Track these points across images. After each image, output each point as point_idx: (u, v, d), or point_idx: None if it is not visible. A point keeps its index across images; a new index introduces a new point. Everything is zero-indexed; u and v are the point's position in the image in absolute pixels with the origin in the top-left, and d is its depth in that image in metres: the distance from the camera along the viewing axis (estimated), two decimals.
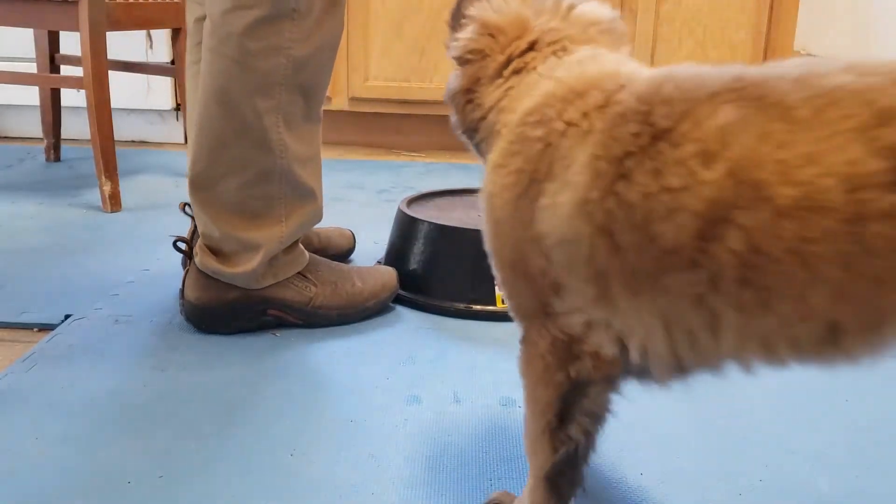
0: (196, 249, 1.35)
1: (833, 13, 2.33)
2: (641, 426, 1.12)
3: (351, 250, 1.74)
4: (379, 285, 1.45)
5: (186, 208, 1.41)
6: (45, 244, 1.80)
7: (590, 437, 0.83)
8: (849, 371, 1.33)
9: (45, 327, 1.38)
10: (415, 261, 1.54)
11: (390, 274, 1.48)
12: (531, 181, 0.76)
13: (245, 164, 1.29)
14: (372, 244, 1.83)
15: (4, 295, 1.51)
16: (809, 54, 2.53)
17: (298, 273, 1.39)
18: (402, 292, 1.54)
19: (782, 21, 2.74)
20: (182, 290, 1.36)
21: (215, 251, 1.33)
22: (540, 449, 0.82)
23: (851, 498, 0.98)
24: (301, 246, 1.42)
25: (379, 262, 1.68)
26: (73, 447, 1.02)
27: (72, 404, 1.13)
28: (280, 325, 1.38)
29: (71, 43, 2.43)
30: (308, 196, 1.36)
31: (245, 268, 1.32)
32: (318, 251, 1.56)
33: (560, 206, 0.72)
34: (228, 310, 1.34)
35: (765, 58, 2.77)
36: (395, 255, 1.59)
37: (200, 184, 1.31)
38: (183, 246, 1.38)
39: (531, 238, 0.76)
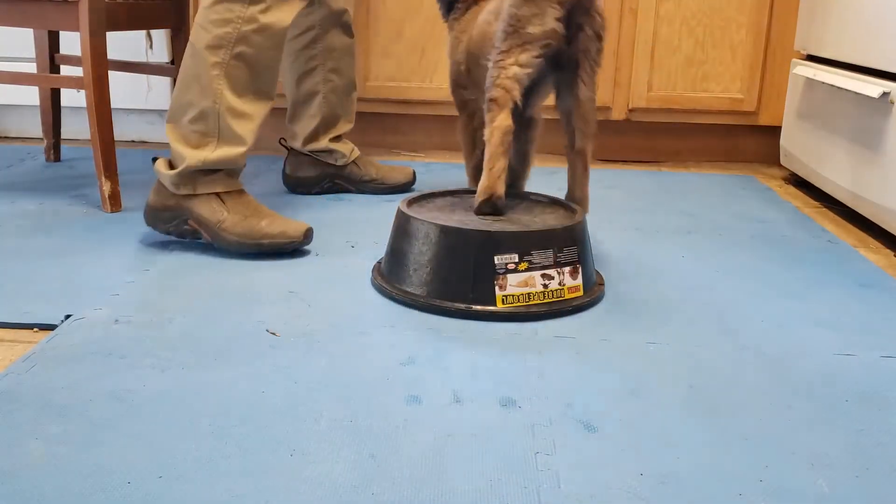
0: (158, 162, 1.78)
1: (832, 13, 2.33)
2: (641, 426, 1.12)
3: (408, 184, 2.32)
4: (279, 231, 1.71)
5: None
6: (45, 244, 1.80)
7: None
8: (849, 371, 1.35)
9: (45, 327, 1.38)
10: (414, 261, 1.54)
11: (297, 228, 1.72)
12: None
13: (192, 104, 1.72)
14: (372, 244, 1.83)
15: (4, 295, 1.51)
16: (810, 55, 2.53)
17: (218, 196, 1.73)
18: (402, 292, 1.54)
19: (782, 21, 2.73)
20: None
21: (170, 165, 1.77)
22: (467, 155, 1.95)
23: (851, 498, 0.98)
24: (230, 177, 1.76)
25: (379, 262, 1.68)
26: (73, 447, 1.02)
27: (72, 404, 1.13)
28: (196, 238, 1.75)
29: (71, 43, 2.43)
30: (235, 140, 1.74)
31: (170, 172, 1.72)
32: (374, 181, 2.30)
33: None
34: (164, 210, 1.76)
35: (764, 57, 2.76)
36: (395, 255, 1.59)
37: (170, 116, 1.76)
38: None
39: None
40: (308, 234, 1.73)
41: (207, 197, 1.72)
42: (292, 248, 1.72)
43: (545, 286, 1.46)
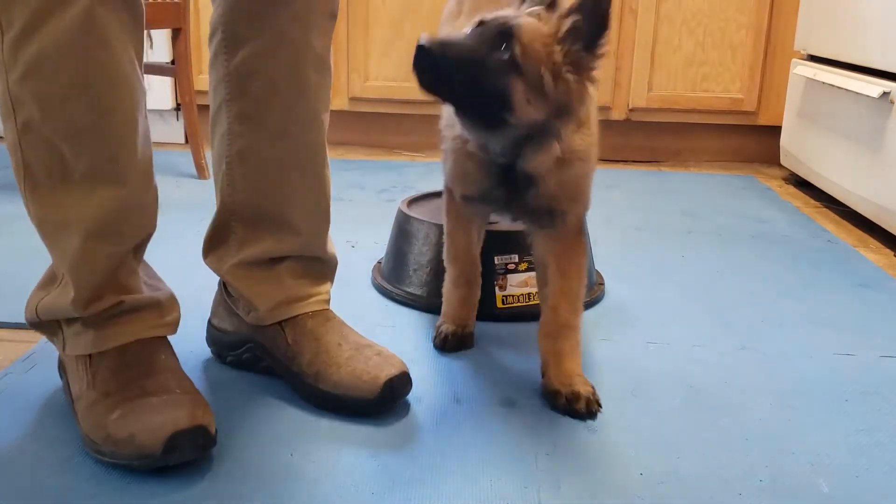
0: None
1: (833, 13, 2.33)
2: (641, 426, 1.12)
3: (373, 403, 1.12)
4: (126, 434, 0.97)
5: None
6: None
7: None
8: (849, 371, 1.35)
9: None
10: (414, 261, 1.54)
11: (162, 428, 0.95)
12: None
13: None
14: (372, 244, 1.83)
15: (4, 295, 1.51)
16: (810, 55, 2.53)
17: (88, 358, 1.06)
18: (402, 292, 1.54)
19: (782, 21, 2.73)
20: None
21: None
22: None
23: (851, 498, 0.98)
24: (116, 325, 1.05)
25: (379, 262, 1.68)
26: (73, 447, 1.02)
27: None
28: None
29: None
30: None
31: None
32: (309, 376, 1.15)
33: None
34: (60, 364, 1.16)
35: (765, 57, 2.76)
36: (395, 255, 1.59)
37: None
38: None
39: None
40: (177, 443, 0.95)
41: (77, 357, 1.07)
42: (146, 468, 0.96)
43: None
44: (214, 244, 1.22)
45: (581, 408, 1.13)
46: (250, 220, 1.19)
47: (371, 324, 1.43)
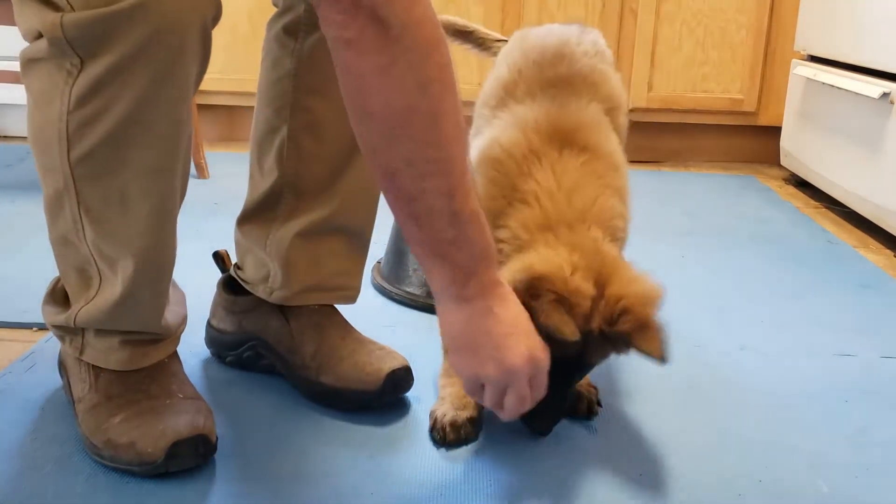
0: None
1: (833, 13, 2.33)
2: (641, 426, 1.12)
3: (375, 394, 1.14)
4: (127, 441, 0.97)
5: None
6: (45, 244, 1.79)
7: None
8: (849, 371, 1.35)
9: (45, 327, 1.38)
10: (414, 261, 1.54)
11: (165, 436, 0.96)
12: None
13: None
14: (371, 244, 1.83)
15: (4, 295, 1.51)
16: (810, 55, 2.53)
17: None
18: (402, 292, 1.54)
19: (782, 21, 2.73)
20: None
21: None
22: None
23: (851, 498, 0.98)
24: (138, 346, 1.04)
25: (378, 262, 1.68)
26: (72, 447, 1.02)
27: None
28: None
29: None
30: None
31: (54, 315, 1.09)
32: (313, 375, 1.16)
33: None
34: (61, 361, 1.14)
35: (765, 58, 2.76)
36: (395, 255, 1.59)
37: None
38: None
39: None
40: (177, 452, 0.95)
41: (79, 361, 1.06)
42: (145, 473, 0.96)
43: None
44: (258, 213, 1.21)
45: (582, 408, 1.13)
46: (305, 191, 1.18)
47: (370, 324, 1.42)
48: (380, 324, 1.43)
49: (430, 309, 1.48)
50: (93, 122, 0.90)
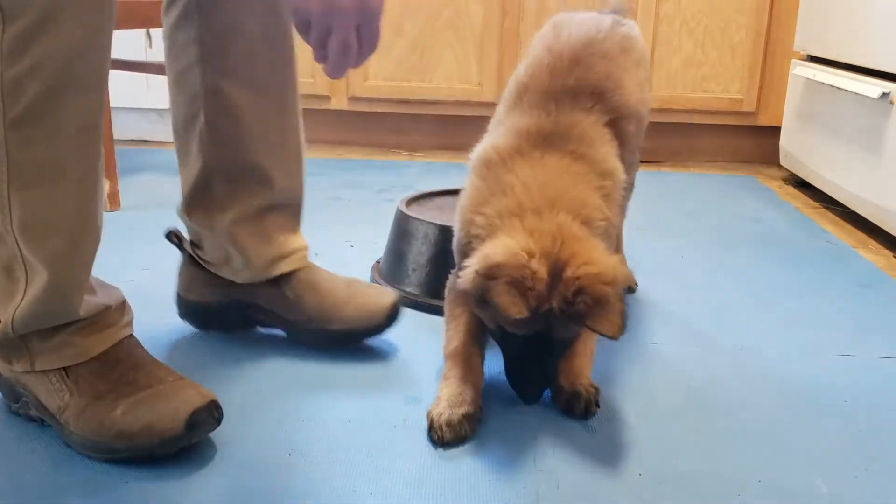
0: None
1: (832, 14, 2.33)
2: (641, 426, 1.12)
3: (373, 329, 1.30)
4: (142, 425, 0.98)
5: None
6: None
7: None
8: (848, 371, 1.35)
9: None
10: (413, 261, 1.54)
11: (178, 412, 0.98)
12: None
13: None
14: (371, 243, 1.83)
15: None
16: (809, 55, 2.53)
17: (62, 372, 1.03)
18: (401, 292, 1.53)
19: (782, 21, 2.73)
20: None
21: None
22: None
23: (850, 498, 0.98)
24: (91, 334, 1.04)
25: (378, 262, 1.68)
26: (72, 449, 1.02)
27: None
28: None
29: None
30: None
31: None
32: (311, 321, 1.27)
33: None
34: (4, 385, 1.10)
35: (764, 58, 2.76)
36: (394, 255, 1.59)
37: None
38: None
39: None
40: (197, 420, 0.99)
41: (44, 371, 1.03)
42: (168, 452, 0.99)
43: None
44: (197, 202, 1.24)
45: (579, 408, 1.13)
46: (234, 176, 1.21)
47: None
48: None
49: (430, 309, 1.48)
50: (27, 77, 0.88)
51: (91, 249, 1.03)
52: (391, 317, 1.28)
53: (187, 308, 1.32)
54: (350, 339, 1.27)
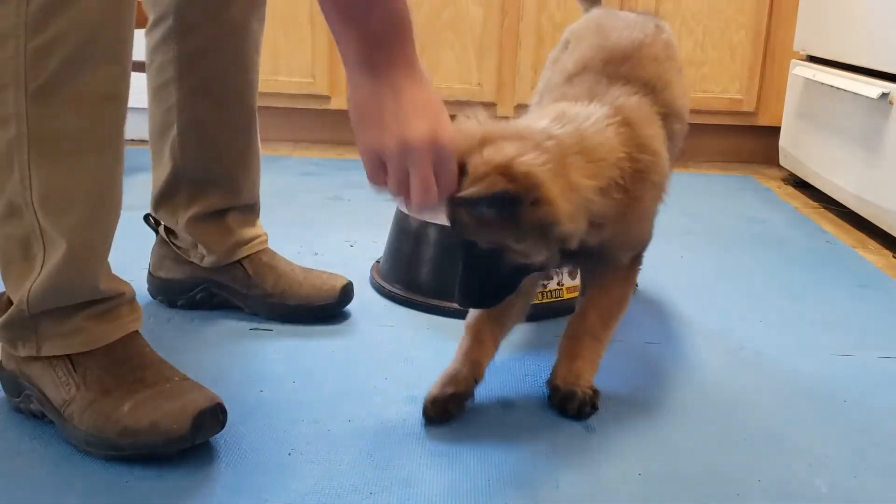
0: None
1: (832, 14, 2.33)
2: (641, 426, 1.12)
3: (327, 306, 1.41)
4: (149, 422, 0.97)
5: None
6: None
7: None
8: (848, 371, 1.35)
9: None
10: (413, 261, 1.54)
11: (184, 412, 0.98)
12: None
13: None
14: (371, 244, 1.83)
15: None
16: (809, 55, 2.53)
17: (67, 360, 1.02)
18: (402, 292, 1.53)
19: (782, 21, 2.74)
20: None
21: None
22: None
23: (850, 498, 0.98)
24: (100, 321, 1.03)
25: (378, 262, 1.68)
26: (72, 447, 1.02)
27: None
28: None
29: None
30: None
31: None
32: (269, 296, 1.39)
33: None
34: (7, 378, 1.09)
35: (764, 58, 2.76)
36: (394, 254, 1.59)
37: None
38: None
39: None
40: (203, 422, 0.98)
41: (50, 362, 1.02)
42: (171, 452, 0.99)
43: (544, 286, 1.46)
44: (164, 200, 1.40)
45: (572, 409, 1.12)
46: (199, 180, 1.36)
47: (369, 323, 1.43)
48: (378, 323, 1.43)
49: (430, 309, 1.48)
50: (50, 49, 0.89)
51: (112, 221, 1.03)
52: (343, 296, 1.41)
53: (157, 285, 1.47)
54: (305, 315, 1.39)
